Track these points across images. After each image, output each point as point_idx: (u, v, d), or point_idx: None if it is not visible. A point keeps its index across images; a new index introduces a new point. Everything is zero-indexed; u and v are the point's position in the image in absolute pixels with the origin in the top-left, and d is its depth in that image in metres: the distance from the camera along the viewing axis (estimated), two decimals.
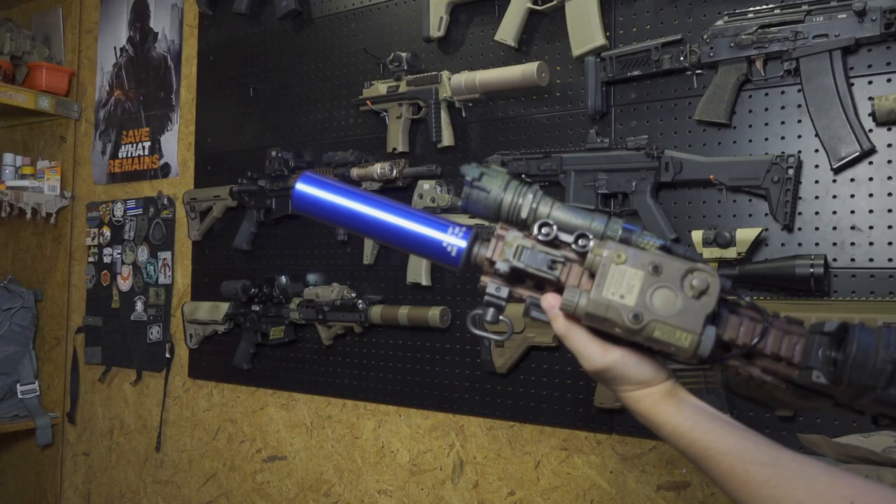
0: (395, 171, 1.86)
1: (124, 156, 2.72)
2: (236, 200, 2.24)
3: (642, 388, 0.70)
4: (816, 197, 1.40)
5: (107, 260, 2.71)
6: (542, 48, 1.75)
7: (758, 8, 1.43)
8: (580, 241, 0.68)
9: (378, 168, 1.88)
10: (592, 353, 0.69)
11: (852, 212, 1.37)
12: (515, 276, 0.71)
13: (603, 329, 0.66)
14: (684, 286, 0.63)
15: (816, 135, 1.39)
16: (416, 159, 1.92)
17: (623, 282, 0.64)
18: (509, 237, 0.71)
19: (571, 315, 0.68)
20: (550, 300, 0.71)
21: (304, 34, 2.20)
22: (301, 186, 0.74)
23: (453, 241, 0.72)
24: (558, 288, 0.70)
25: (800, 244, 1.41)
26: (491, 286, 0.72)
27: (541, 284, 0.72)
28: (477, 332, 0.72)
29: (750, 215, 1.46)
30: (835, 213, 1.38)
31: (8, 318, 2.77)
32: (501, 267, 0.70)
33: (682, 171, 1.49)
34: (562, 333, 0.71)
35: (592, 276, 0.66)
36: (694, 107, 1.52)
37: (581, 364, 0.71)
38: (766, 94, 1.46)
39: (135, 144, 2.69)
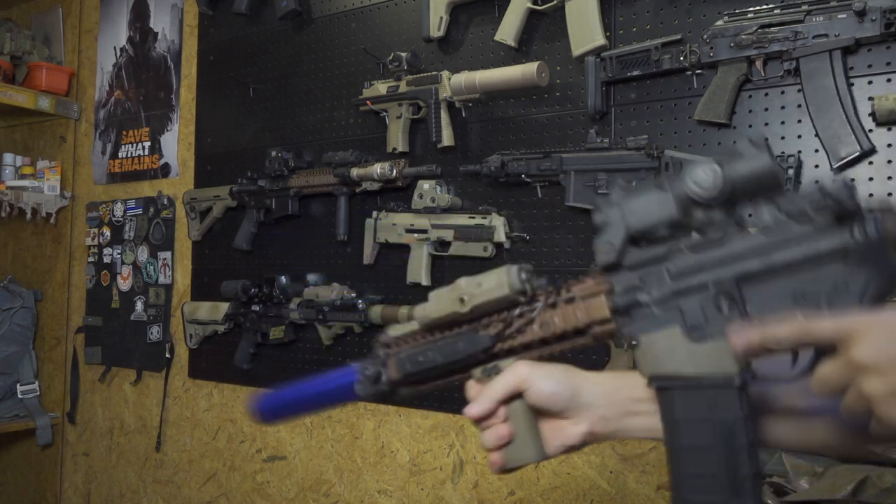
0: (395, 171, 1.86)
1: (124, 156, 2.72)
2: (236, 200, 2.24)
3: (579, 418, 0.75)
4: None
5: (107, 260, 2.71)
6: (542, 48, 1.75)
7: (758, 8, 1.43)
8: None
9: (378, 168, 1.88)
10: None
11: None
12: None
13: (453, 321, 0.75)
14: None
15: (816, 135, 1.39)
16: (416, 159, 1.92)
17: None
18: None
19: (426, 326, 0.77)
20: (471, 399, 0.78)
21: (304, 34, 2.20)
22: (257, 410, 0.89)
23: (351, 377, 0.83)
24: None
25: None
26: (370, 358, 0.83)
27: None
28: (362, 393, 0.82)
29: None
30: None
31: (8, 318, 2.77)
32: (383, 339, 0.83)
33: (682, 171, 1.49)
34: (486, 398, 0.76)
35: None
36: (694, 107, 1.52)
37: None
38: (766, 94, 1.46)
39: (135, 144, 2.69)
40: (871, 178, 1.35)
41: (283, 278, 2.10)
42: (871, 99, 1.35)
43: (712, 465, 0.63)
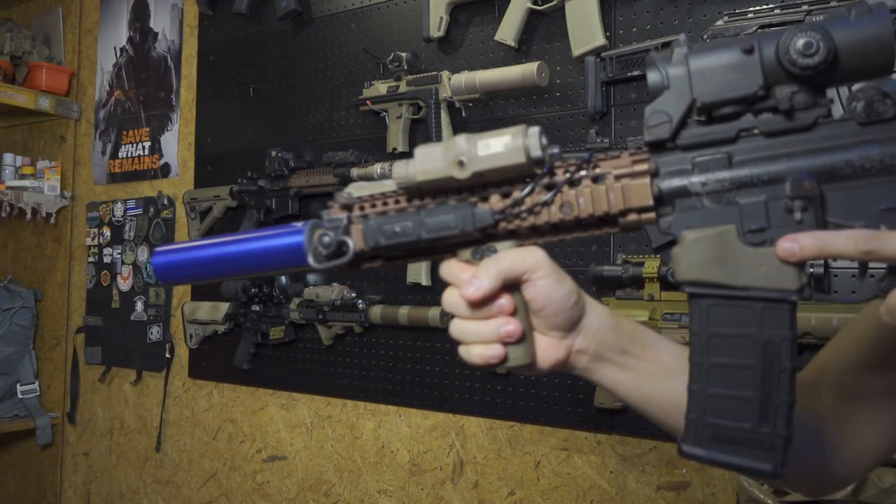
0: None
1: (124, 156, 2.72)
2: (236, 200, 2.24)
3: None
4: None
5: (107, 260, 2.71)
6: (542, 48, 1.75)
7: (758, 8, 1.43)
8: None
9: (378, 168, 1.88)
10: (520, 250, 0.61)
11: None
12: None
13: (444, 187, 0.60)
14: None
15: None
16: None
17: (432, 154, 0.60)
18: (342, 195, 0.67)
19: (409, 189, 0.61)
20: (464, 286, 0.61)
21: (304, 34, 2.20)
22: (156, 259, 0.71)
23: (294, 239, 0.65)
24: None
25: None
26: (327, 218, 0.66)
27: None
28: (318, 265, 0.63)
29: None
30: None
31: (8, 318, 2.77)
32: (339, 200, 0.65)
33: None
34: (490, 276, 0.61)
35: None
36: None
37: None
38: None
39: (135, 144, 2.69)
40: None
41: (283, 278, 2.10)
42: None
43: (745, 387, 0.54)
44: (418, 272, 1.85)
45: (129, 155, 2.70)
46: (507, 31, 1.73)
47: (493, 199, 0.59)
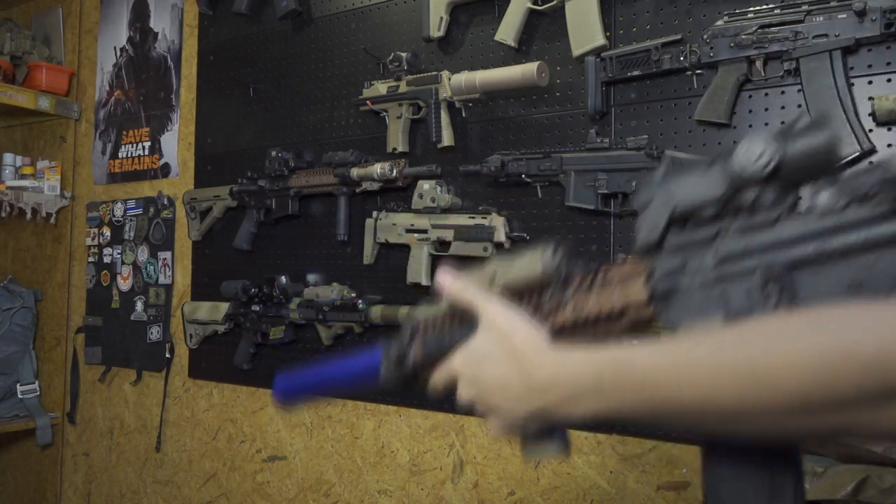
0: (395, 171, 1.86)
1: (124, 156, 2.72)
2: (236, 200, 2.24)
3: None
4: None
5: (107, 260, 2.71)
6: (542, 48, 1.75)
7: (758, 8, 1.43)
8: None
9: (378, 168, 1.88)
10: (488, 298, 0.71)
11: None
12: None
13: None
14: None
15: None
16: (416, 159, 1.92)
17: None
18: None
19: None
20: (440, 276, 0.75)
21: (304, 34, 2.20)
22: (277, 393, 0.90)
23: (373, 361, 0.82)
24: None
25: None
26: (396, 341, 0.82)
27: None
28: (386, 377, 0.82)
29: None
30: None
31: (8, 318, 2.77)
32: (410, 323, 0.81)
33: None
34: (460, 287, 0.73)
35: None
36: (694, 107, 1.52)
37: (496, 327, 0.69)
38: (766, 94, 1.46)
39: (135, 144, 2.69)
40: None
41: (283, 278, 2.10)
42: (871, 99, 1.35)
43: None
44: (418, 272, 1.84)
45: (129, 155, 2.70)
46: (507, 31, 1.73)
47: (520, 308, 0.71)
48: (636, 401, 0.56)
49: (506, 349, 0.65)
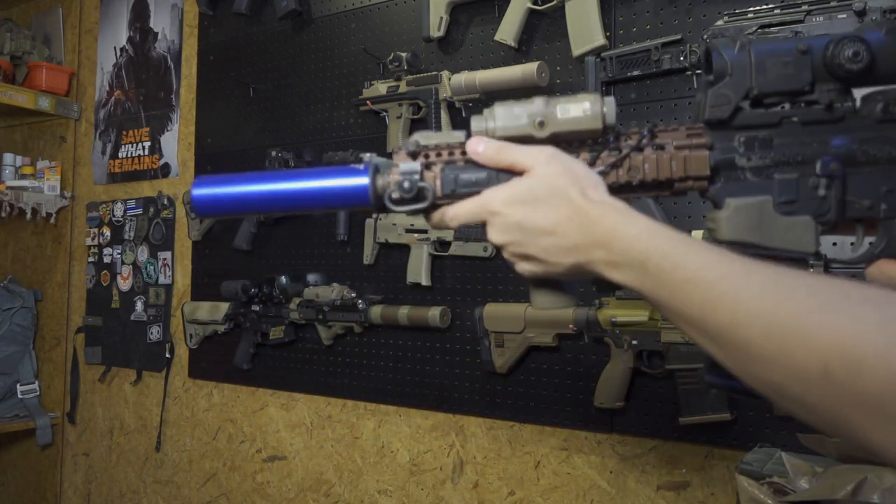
0: None
1: (124, 156, 2.72)
2: None
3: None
4: None
5: (107, 260, 2.71)
6: (542, 48, 1.75)
7: (758, 8, 1.43)
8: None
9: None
10: (532, 150, 0.66)
11: None
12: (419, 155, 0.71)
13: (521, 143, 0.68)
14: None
15: None
16: None
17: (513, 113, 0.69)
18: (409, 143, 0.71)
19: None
20: (471, 143, 0.70)
21: (304, 34, 2.20)
22: (197, 191, 0.71)
23: (356, 181, 0.68)
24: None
25: None
26: (403, 165, 0.69)
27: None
28: (398, 208, 0.68)
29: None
30: None
31: (8, 318, 2.77)
32: (407, 147, 0.70)
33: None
34: (496, 149, 0.68)
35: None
36: (694, 107, 1.52)
37: (529, 181, 0.65)
38: None
39: (135, 144, 2.69)
40: None
41: (283, 278, 2.10)
42: None
43: None
44: (418, 272, 1.85)
45: (129, 155, 2.70)
46: (507, 31, 1.73)
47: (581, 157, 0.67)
48: (667, 298, 0.57)
49: (565, 198, 0.62)
